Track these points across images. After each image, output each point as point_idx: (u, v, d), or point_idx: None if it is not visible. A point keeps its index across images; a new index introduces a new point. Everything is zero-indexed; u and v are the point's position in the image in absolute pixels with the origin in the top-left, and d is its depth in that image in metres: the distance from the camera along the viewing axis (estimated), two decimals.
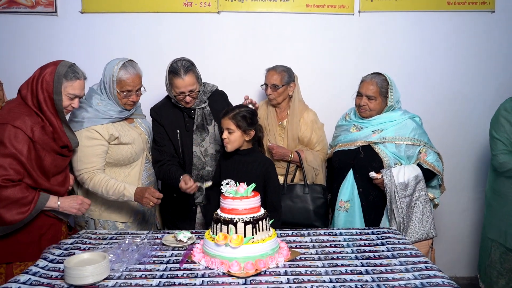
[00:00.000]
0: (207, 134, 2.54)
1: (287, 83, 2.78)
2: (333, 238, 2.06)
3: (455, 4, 3.22)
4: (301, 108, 2.84)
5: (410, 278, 1.62)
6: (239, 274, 1.65)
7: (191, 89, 2.41)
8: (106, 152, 2.30)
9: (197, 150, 2.53)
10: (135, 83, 2.31)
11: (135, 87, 2.32)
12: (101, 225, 2.40)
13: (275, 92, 2.76)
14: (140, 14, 3.18)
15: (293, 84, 2.81)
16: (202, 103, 2.53)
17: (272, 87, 2.76)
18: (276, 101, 2.80)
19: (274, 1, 3.19)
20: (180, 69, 2.38)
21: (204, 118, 2.54)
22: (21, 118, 1.92)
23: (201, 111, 2.54)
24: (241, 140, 2.28)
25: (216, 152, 2.56)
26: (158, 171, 2.49)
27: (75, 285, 1.57)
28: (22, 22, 3.16)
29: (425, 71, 3.31)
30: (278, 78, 2.75)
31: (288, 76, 2.78)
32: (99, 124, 2.27)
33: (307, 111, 2.85)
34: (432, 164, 2.50)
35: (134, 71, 2.31)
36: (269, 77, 2.79)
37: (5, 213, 1.87)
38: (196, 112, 2.53)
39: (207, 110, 2.57)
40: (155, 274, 1.67)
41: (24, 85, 2.02)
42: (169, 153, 2.50)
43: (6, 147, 1.87)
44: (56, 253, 1.87)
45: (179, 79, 2.38)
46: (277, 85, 2.75)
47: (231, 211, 1.79)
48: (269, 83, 2.77)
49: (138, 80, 2.33)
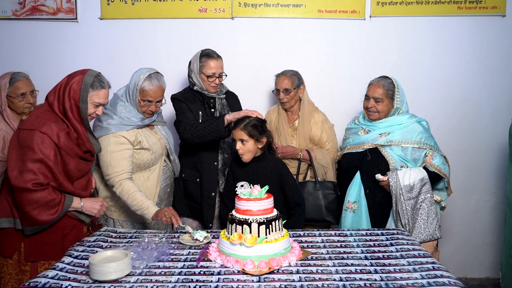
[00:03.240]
0: None
1: (298, 86, 2.87)
2: (344, 238, 2.12)
3: (466, 9, 3.25)
4: (311, 109, 2.93)
5: (418, 277, 1.67)
6: (253, 272, 1.72)
7: (220, 72, 2.64)
8: (132, 156, 2.39)
9: None
10: (156, 95, 2.40)
11: (155, 99, 2.41)
12: (120, 224, 2.50)
13: (288, 96, 2.85)
14: (157, 20, 3.28)
15: (302, 87, 2.90)
16: (222, 93, 2.74)
17: (284, 92, 2.85)
18: (290, 104, 2.88)
19: (286, 7, 3.27)
20: (213, 53, 2.66)
21: (223, 108, 2.72)
22: (47, 124, 2.00)
23: (220, 101, 2.72)
24: (255, 148, 2.36)
25: (233, 141, 2.65)
26: (195, 130, 2.48)
27: (99, 281, 1.65)
28: (44, 29, 3.28)
29: (435, 75, 3.33)
30: (289, 82, 2.84)
31: (298, 79, 2.88)
32: (125, 130, 2.37)
33: (317, 111, 2.95)
34: (438, 167, 2.54)
35: (158, 83, 2.39)
36: (279, 82, 2.87)
37: (36, 215, 1.97)
38: (216, 100, 2.70)
39: (224, 102, 2.76)
40: (174, 271, 1.75)
41: (51, 92, 2.10)
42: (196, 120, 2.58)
43: (35, 152, 1.96)
44: (80, 250, 1.97)
45: (213, 60, 2.62)
46: (289, 89, 2.84)
47: (245, 212, 1.86)
48: (281, 88, 2.85)
49: (160, 93, 2.42)
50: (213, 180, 2.65)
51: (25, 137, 1.98)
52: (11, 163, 1.98)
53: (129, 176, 2.36)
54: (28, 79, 2.68)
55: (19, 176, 1.94)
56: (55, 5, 3.25)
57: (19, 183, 1.93)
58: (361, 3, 3.25)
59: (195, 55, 2.68)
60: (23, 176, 1.94)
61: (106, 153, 2.33)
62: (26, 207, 1.96)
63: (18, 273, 2.10)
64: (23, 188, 1.93)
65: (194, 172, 2.69)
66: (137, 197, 2.29)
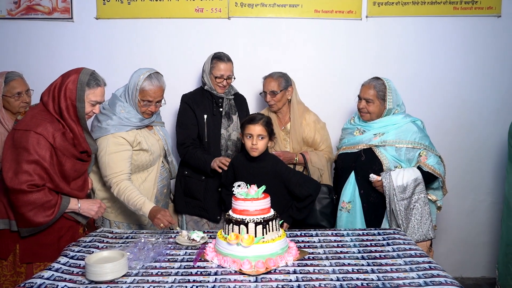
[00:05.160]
0: (231, 122, 2.82)
1: (285, 88, 2.84)
2: (340, 238, 2.12)
3: (462, 9, 3.26)
4: (302, 110, 2.91)
5: (414, 277, 1.68)
6: (250, 272, 1.72)
7: (229, 75, 2.77)
8: (131, 157, 2.38)
9: (224, 133, 2.79)
10: (156, 95, 2.39)
11: (155, 99, 2.40)
12: (116, 225, 2.49)
13: (274, 98, 2.82)
14: (153, 20, 3.26)
15: (290, 88, 2.87)
16: (230, 94, 2.86)
17: (271, 94, 2.82)
18: (277, 106, 2.86)
19: (283, 7, 3.27)
20: (224, 56, 2.79)
21: (230, 108, 2.84)
22: (43, 125, 1.98)
23: (228, 101, 2.83)
24: (266, 146, 2.39)
25: (237, 139, 2.82)
26: (184, 152, 2.73)
27: (95, 281, 1.65)
28: (40, 28, 3.26)
29: (432, 75, 3.34)
30: (276, 84, 2.82)
31: (285, 81, 2.85)
32: (124, 131, 2.36)
33: (308, 112, 2.92)
34: (432, 167, 2.55)
35: (158, 83, 2.39)
36: (266, 84, 2.85)
37: (32, 217, 1.96)
38: (224, 101, 2.82)
39: (232, 102, 2.87)
40: (170, 272, 1.75)
41: (45, 92, 2.08)
42: (192, 135, 2.77)
43: (30, 153, 1.94)
44: (76, 250, 1.96)
45: (223, 63, 2.75)
46: (275, 91, 2.81)
47: (242, 212, 1.86)
48: (268, 90, 2.83)
49: (160, 93, 2.42)
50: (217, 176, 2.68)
51: (20, 138, 1.97)
52: (6, 164, 1.97)
53: (127, 177, 2.34)
54: (22, 78, 2.66)
55: (14, 178, 1.92)
56: (50, 5, 3.23)
57: (14, 185, 1.92)
58: (358, 3, 3.26)
59: (208, 57, 2.81)
60: (18, 177, 1.92)
61: (105, 154, 2.31)
62: (22, 209, 1.95)
63: (13, 275, 2.08)
64: (18, 189, 1.92)
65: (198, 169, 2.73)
66: (133, 196, 2.26)
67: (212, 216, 2.76)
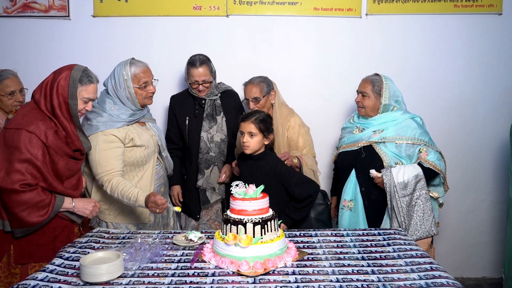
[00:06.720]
0: (215, 123, 2.81)
1: (267, 93, 2.77)
2: (340, 238, 2.09)
3: (462, 7, 3.24)
4: (286, 113, 2.83)
5: (415, 278, 1.65)
6: (248, 273, 1.69)
7: (204, 79, 2.74)
8: (123, 154, 2.35)
9: (204, 135, 2.80)
10: (148, 74, 2.42)
11: (150, 78, 2.42)
12: (114, 226, 2.45)
13: (258, 104, 2.75)
14: (151, 18, 3.23)
15: (273, 92, 2.81)
16: (213, 95, 2.83)
17: (253, 101, 2.75)
18: None
19: (282, 4, 3.23)
20: (196, 61, 2.74)
21: (214, 109, 2.82)
22: (34, 123, 1.95)
23: (211, 102, 2.82)
24: (261, 143, 2.37)
25: (221, 141, 2.83)
26: None
27: (90, 283, 1.62)
28: (36, 26, 3.22)
29: (432, 73, 3.32)
30: (258, 90, 2.75)
31: (267, 85, 2.78)
32: (115, 127, 2.32)
33: (292, 115, 2.84)
34: (433, 162, 2.52)
35: (142, 64, 2.43)
36: (248, 91, 2.78)
37: (26, 217, 1.92)
38: (207, 102, 2.81)
39: (217, 102, 2.84)
40: (167, 273, 1.72)
41: (37, 90, 2.04)
42: (173, 138, 2.87)
43: (22, 152, 1.90)
44: (71, 251, 1.93)
45: (194, 69, 2.72)
46: (258, 98, 2.75)
47: (240, 212, 1.83)
48: (250, 97, 2.76)
49: (150, 72, 2.44)
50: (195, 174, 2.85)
51: (11, 137, 1.93)
52: None
53: (119, 175, 2.30)
54: (16, 76, 2.63)
55: (6, 177, 1.89)
56: (47, 3, 3.19)
57: (6, 184, 1.89)
58: (357, 1, 3.23)
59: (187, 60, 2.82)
60: (10, 177, 1.89)
61: (95, 151, 2.27)
62: (15, 209, 1.91)
63: (7, 276, 2.04)
64: (10, 189, 1.89)
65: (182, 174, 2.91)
66: (126, 189, 2.22)
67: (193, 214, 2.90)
